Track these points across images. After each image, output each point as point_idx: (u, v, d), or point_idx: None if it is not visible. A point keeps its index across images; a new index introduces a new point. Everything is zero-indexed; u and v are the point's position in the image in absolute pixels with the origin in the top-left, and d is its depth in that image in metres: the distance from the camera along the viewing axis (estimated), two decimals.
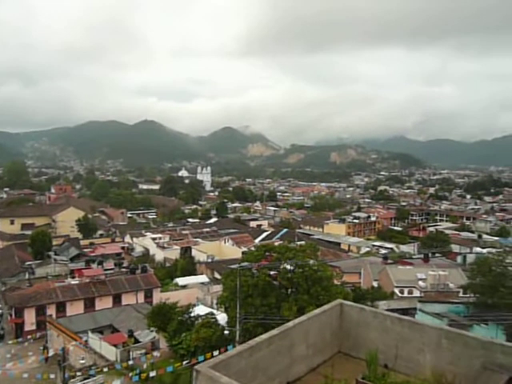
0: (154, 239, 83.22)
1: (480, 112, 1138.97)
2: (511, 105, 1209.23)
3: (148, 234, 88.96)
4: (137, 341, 39.49)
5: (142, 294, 54.25)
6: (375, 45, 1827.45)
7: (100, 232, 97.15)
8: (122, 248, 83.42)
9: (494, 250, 64.90)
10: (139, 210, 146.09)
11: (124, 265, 66.00)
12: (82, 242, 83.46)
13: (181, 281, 60.19)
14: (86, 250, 77.27)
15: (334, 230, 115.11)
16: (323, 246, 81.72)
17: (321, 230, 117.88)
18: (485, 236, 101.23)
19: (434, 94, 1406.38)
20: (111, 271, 59.71)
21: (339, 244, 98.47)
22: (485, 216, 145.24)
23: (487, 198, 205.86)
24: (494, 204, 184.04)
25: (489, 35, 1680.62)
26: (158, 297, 50.37)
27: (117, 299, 52.33)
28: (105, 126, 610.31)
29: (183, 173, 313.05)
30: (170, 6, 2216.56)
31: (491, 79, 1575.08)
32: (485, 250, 67.75)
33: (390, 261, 66.47)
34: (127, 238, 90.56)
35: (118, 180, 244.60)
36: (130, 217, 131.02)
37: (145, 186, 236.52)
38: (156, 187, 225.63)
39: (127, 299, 52.36)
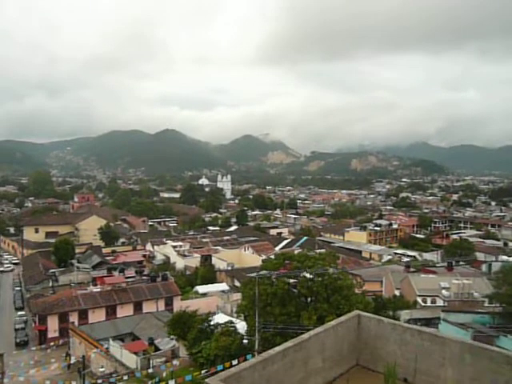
0: (174, 247, 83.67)
1: (504, 117, 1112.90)
2: None
3: (169, 241, 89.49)
4: (157, 349, 39.63)
5: (163, 301, 54.54)
6: (395, 50, 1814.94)
7: (122, 240, 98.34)
8: (144, 256, 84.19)
9: None
10: (160, 218, 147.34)
11: (145, 272, 66.61)
12: (104, 250, 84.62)
13: (201, 289, 60.26)
14: (108, 257, 78.27)
15: (355, 237, 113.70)
16: (344, 254, 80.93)
17: (341, 237, 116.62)
18: (511, 244, 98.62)
19: (456, 99, 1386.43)
20: (132, 279, 60.25)
21: (360, 252, 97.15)
22: (510, 223, 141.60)
23: None
24: None
25: (508, 40, 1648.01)
26: (179, 305, 50.64)
27: (138, 307, 52.73)
28: (127, 135, 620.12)
29: (203, 181, 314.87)
30: (191, 16, 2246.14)
31: None
32: (511, 258, 65.92)
33: (412, 269, 65.32)
34: (148, 246, 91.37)
35: (139, 188, 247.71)
36: (151, 225, 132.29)
37: (166, 195, 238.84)
38: (177, 195, 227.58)
39: (148, 307, 52.71)
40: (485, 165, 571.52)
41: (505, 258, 70.69)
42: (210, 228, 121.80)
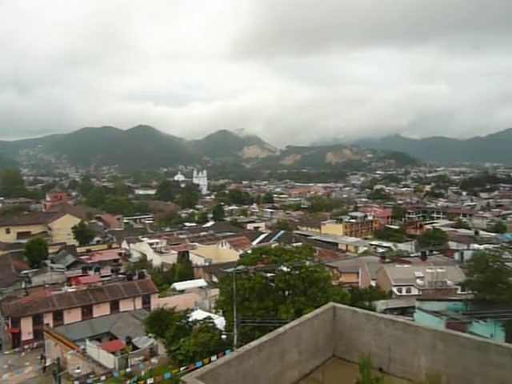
0: (150, 244, 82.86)
1: (473, 109, 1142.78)
2: (504, 101, 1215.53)
3: (145, 239, 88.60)
4: (135, 347, 39.21)
5: (140, 300, 53.95)
6: (368, 45, 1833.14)
7: (97, 239, 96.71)
8: (119, 254, 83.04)
9: (490, 246, 65.01)
10: (136, 215, 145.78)
11: (121, 271, 65.64)
12: (79, 250, 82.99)
13: (178, 285, 59.92)
14: (82, 257, 76.82)
15: (332, 230, 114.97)
16: (320, 247, 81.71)
17: (318, 230, 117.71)
18: (481, 232, 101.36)
19: (427, 92, 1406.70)
20: (108, 278, 59.30)
21: (337, 244, 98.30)
22: (481, 212, 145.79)
23: (483, 195, 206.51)
24: (490, 200, 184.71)
25: (479, 33, 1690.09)
26: (156, 302, 50.10)
27: (114, 306, 51.99)
28: (100, 132, 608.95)
29: (179, 177, 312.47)
30: (163, 11, 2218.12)
31: (483, 76, 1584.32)
32: (482, 247, 67.57)
33: (387, 260, 66.36)
34: (124, 244, 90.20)
35: (113, 186, 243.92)
36: (126, 222, 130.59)
37: (141, 192, 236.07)
38: (152, 192, 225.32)
39: (125, 306, 52.04)
40: (455, 156, 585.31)
41: (476, 246, 72.46)
42: (187, 224, 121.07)
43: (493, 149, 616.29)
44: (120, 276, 60.77)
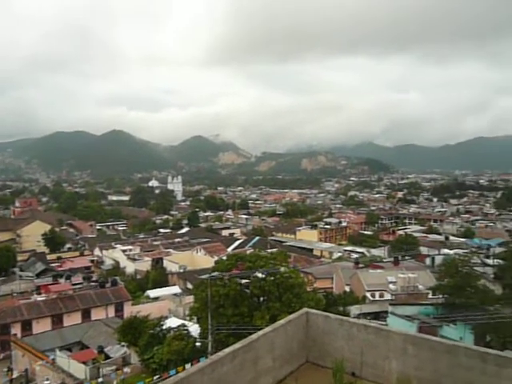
0: (124, 251, 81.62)
1: (443, 118, 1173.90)
2: (472, 111, 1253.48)
3: (118, 246, 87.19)
4: (107, 357, 38.40)
5: (113, 308, 52.93)
6: (342, 54, 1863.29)
7: (68, 246, 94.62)
8: (92, 261, 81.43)
9: (460, 251, 66.73)
10: (109, 221, 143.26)
11: (93, 279, 64.39)
12: (49, 257, 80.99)
13: (152, 293, 59.12)
14: (53, 264, 74.91)
15: (306, 236, 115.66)
16: (295, 253, 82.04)
17: (293, 236, 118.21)
18: (451, 237, 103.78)
19: (400, 101, 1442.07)
20: (80, 286, 58.07)
21: (311, 250, 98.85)
22: (451, 218, 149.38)
23: (453, 201, 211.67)
24: (460, 206, 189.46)
25: (449, 45, 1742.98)
26: (129, 310, 49.28)
27: (86, 314, 50.84)
28: (72, 136, 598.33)
29: (153, 183, 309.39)
30: (139, 16, 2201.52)
31: (451, 86, 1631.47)
32: (452, 252, 69.36)
33: (361, 265, 67.20)
34: (96, 251, 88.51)
35: (85, 192, 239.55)
36: (99, 229, 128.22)
37: (114, 198, 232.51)
38: (126, 198, 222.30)
39: (97, 314, 50.96)
40: (427, 163, 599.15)
41: (446, 251, 74.26)
42: (161, 230, 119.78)
43: (462, 156, 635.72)
44: (92, 284, 59.58)
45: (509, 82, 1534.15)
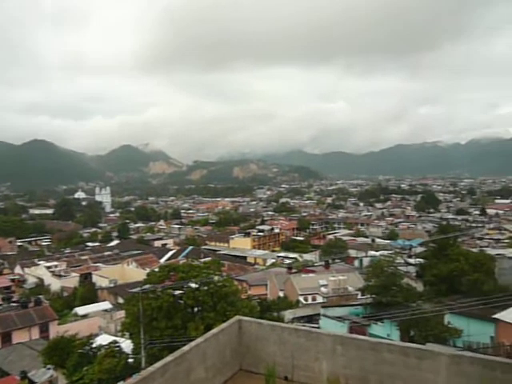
0: (48, 268, 77.16)
1: (368, 126, 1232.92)
2: (393, 120, 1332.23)
3: (42, 262, 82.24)
4: (31, 382, 35.93)
5: (37, 329, 49.59)
6: (273, 63, 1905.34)
7: None
8: (12, 280, 76.01)
9: (385, 253, 70.30)
10: (31, 237, 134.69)
11: (14, 299, 60.08)
12: None
13: (81, 310, 56.40)
14: None
15: (240, 244, 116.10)
16: (229, 261, 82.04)
17: (227, 245, 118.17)
18: (377, 240, 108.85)
19: (327, 109, 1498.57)
20: None
21: (245, 258, 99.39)
22: (376, 221, 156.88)
23: (378, 205, 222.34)
24: (384, 210, 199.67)
25: (372, 57, 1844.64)
26: (56, 330, 46.64)
27: (6, 338, 47.18)
28: None
29: (80, 194, 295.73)
30: (62, 22, 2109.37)
31: (375, 96, 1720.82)
32: (378, 253, 72.78)
33: (294, 270, 68.63)
34: (18, 269, 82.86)
35: (4, 206, 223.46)
36: (20, 245, 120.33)
37: (37, 211, 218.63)
38: (50, 211, 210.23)
39: (19, 337, 47.47)
40: (353, 169, 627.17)
41: (373, 252, 77.86)
42: (89, 244, 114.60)
43: (384, 163, 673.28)
44: (13, 304, 55.57)
45: (425, 92, 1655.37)
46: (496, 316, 26.50)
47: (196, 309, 31.03)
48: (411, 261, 65.35)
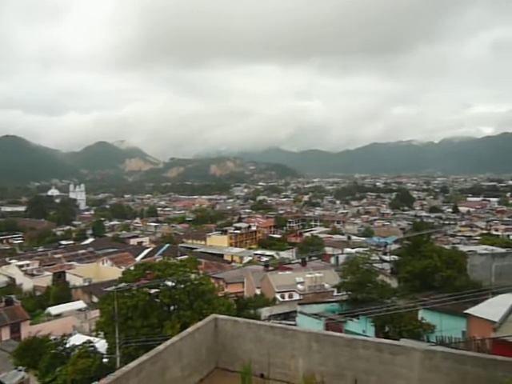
0: (20, 267, 75.31)
1: (344, 125, 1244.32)
2: (368, 118, 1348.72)
3: (13, 261, 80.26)
4: None
5: (8, 329, 48.49)
6: (250, 61, 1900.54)
7: None
8: None
9: (361, 250, 71.26)
10: (2, 235, 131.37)
11: None
12: None
13: (54, 310, 55.30)
14: None
15: (217, 241, 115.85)
16: (206, 259, 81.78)
17: (203, 242, 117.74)
18: (353, 237, 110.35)
19: (304, 108, 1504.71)
20: None
21: (222, 255, 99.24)
22: (352, 219, 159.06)
23: (353, 203, 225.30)
24: (360, 207, 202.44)
25: (346, 57, 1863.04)
26: (27, 331, 45.56)
27: None
28: None
29: (53, 191, 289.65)
30: (36, 14, 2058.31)
31: (351, 96, 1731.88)
32: (354, 250, 73.71)
33: (270, 268, 68.76)
34: None
35: None
36: None
37: (8, 209, 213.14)
38: (22, 209, 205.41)
39: None
40: (329, 167, 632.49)
41: (349, 250, 78.82)
42: (63, 242, 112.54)
43: (360, 161, 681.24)
44: None
45: (400, 92, 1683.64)
46: (467, 311, 27.10)
47: (172, 307, 30.78)
48: (386, 258, 66.44)
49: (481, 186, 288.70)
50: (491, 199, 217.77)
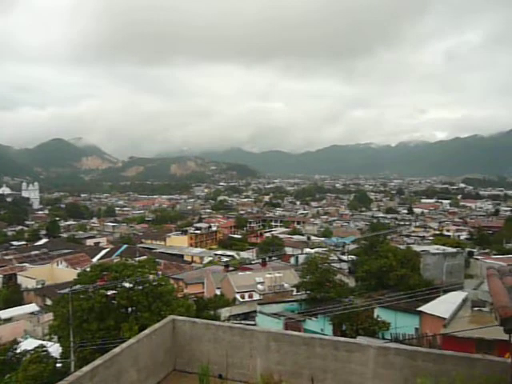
0: None
1: (305, 127, 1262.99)
2: (328, 121, 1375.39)
3: None
4: None
5: None
6: (212, 60, 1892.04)
7: None
8: None
9: (320, 250, 72.44)
10: None
11: None
12: None
13: (4, 313, 52.97)
14: None
15: (177, 242, 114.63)
16: (166, 260, 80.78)
17: (163, 243, 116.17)
18: (313, 237, 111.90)
19: (266, 109, 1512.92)
20: None
21: (182, 256, 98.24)
22: (312, 219, 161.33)
23: (313, 203, 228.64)
24: (319, 208, 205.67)
25: (308, 60, 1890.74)
26: None
27: None
28: None
29: (4, 190, 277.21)
30: None
31: (312, 98, 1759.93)
32: (313, 251, 74.81)
33: (231, 268, 68.70)
34: None
35: None
36: None
37: None
38: None
39: None
40: (290, 168, 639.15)
41: (308, 250, 79.91)
42: (15, 243, 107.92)
43: (320, 162, 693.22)
44: None
45: (359, 96, 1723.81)
46: (420, 308, 28.15)
47: (130, 309, 30.18)
48: (344, 257, 67.74)
49: (434, 189, 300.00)
50: (443, 201, 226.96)
